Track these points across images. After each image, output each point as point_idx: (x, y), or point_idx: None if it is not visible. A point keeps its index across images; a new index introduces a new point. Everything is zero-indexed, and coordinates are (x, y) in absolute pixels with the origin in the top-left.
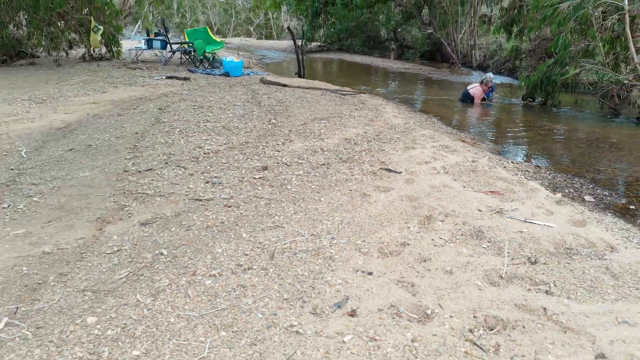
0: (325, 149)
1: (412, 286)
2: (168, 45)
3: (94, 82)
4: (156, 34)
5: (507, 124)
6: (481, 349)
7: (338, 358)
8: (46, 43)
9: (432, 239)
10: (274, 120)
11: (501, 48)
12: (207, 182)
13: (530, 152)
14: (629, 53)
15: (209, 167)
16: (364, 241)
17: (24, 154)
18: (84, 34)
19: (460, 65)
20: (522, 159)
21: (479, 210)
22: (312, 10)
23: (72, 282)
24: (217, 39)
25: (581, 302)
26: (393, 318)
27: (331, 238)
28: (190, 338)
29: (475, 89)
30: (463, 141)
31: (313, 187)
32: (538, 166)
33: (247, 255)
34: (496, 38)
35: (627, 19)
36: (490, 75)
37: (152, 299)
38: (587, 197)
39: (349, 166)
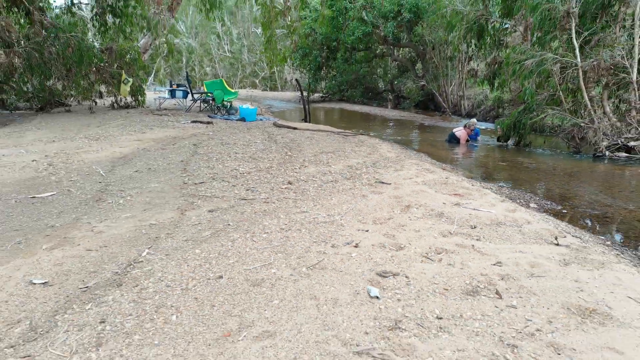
0: (332, 171)
1: (393, 236)
2: (189, 95)
3: (130, 125)
4: (178, 85)
5: (484, 158)
6: (430, 259)
7: (348, 261)
8: (78, 93)
9: (409, 217)
10: (289, 153)
11: (487, 98)
12: (248, 190)
13: (499, 177)
14: (584, 100)
15: (246, 182)
16: (363, 218)
17: (102, 173)
18: (115, 85)
19: (450, 113)
20: (489, 180)
21: (444, 203)
22: (315, 64)
23: (176, 237)
24: (231, 89)
25: (497, 244)
26: (380, 248)
27: (341, 216)
28: (261, 256)
29: (460, 132)
30: (443, 168)
31: (326, 192)
32: (501, 185)
33: (285, 224)
34: (482, 89)
35: (581, 73)
36: (473, 120)
37: (231, 243)
38: (532, 205)
39: (351, 181)
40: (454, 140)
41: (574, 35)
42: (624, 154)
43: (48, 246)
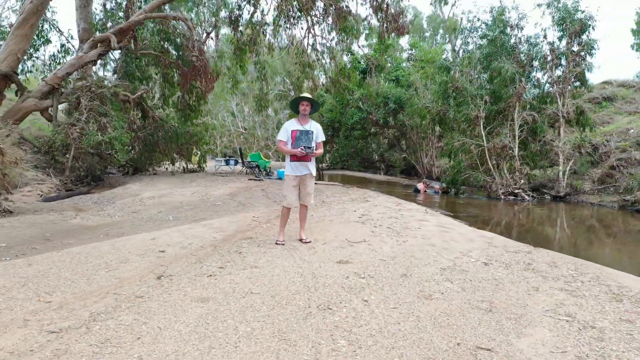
0: (342, 199)
1: (368, 210)
2: (239, 163)
3: (212, 181)
4: (230, 156)
5: (430, 199)
6: (379, 214)
7: (352, 214)
8: (158, 160)
9: (375, 208)
10: (317, 193)
11: (450, 166)
12: None
13: (430, 205)
14: (489, 166)
15: None
16: (357, 208)
17: (230, 199)
18: (187, 156)
19: (425, 177)
20: (423, 205)
21: (391, 204)
22: None
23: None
24: (265, 159)
25: (405, 212)
26: (363, 212)
27: (348, 209)
28: (321, 214)
29: (420, 185)
30: (398, 199)
31: (341, 204)
32: (428, 206)
33: (328, 210)
34: (446, 161)
35: (486, 150)
36: (429, 181)
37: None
38: (440, 211)
39: (352, 202)
40: (416, 190)
41: (481, 128)
42: (512, 197)
43: (243, 213)
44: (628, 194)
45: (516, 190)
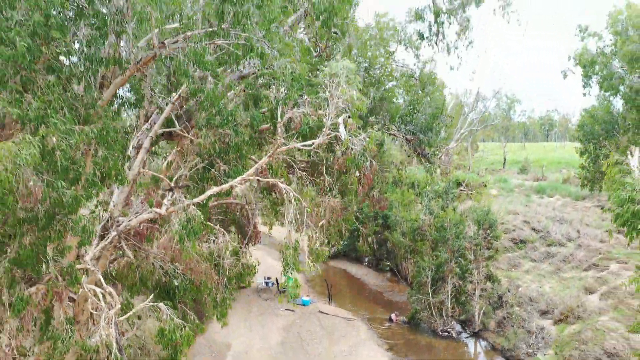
0: (342, 350)
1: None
2: (274, 285)
3: (263, 310)
4: (268, 278)
5: (401, 327)
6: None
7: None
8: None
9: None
10: (328, 331)
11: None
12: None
13: (398, 337)
14: (432, 310)
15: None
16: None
17: (281, 348)
18: (240, 280)
19: (404, 281)
20: (392, 349)
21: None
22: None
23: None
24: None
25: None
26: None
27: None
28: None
29: (393, 315)
30: (378, 345)
31: (340, 356)
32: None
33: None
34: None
35: (431, 303)
36: (398, 312)
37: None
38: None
39: (350, 356)
40: (390, 320)
41: (429, 288)
42: (446, 333)
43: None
44: (506, 345)
45: (448, 329)
